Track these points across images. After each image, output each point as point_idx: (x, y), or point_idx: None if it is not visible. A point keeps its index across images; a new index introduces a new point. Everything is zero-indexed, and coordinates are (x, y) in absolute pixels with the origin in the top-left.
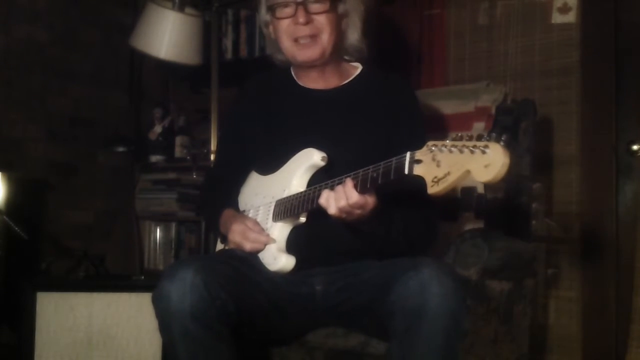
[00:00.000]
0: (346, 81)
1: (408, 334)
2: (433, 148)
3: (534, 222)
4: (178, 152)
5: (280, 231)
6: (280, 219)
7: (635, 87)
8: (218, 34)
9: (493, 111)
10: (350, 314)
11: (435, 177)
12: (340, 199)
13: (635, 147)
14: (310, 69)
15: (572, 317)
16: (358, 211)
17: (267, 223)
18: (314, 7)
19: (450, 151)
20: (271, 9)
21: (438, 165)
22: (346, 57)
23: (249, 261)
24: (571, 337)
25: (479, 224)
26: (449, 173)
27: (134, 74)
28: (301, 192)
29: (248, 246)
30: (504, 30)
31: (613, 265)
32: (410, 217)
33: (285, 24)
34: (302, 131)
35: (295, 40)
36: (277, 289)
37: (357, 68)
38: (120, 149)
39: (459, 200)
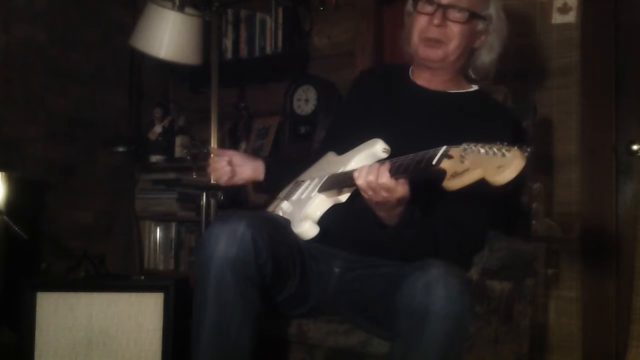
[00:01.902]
0: (454, 91)
1: (411, 334)
2: (466, 147)
3: (534, 222)
4: (178, 152)
5: (320, 202)
6: (324, 190)
7: (635, 87)
8: (218, 34)
9: None
10: (358, 306)
11: (455, 172)
12: (371, 173)
13: (635, 147)
14: (425, 68)
15: (572, 317)
16: (384, 193)
17: (312, 192)
18: (453, 14)
19: (479, 152)
20: (415, 1)
21: (462, 162)
22: (473, 76)
23: (287, 225)
24: (571, 337)
25: None
26: (467, 170)
27: (134, 74)
28: (349, 170)
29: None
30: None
31: (613, 265)
32: (445, 229)
33: (421, 20)
34: (385, 122)
35: (424, 38)
36: (304, 260)
37: (473, 87)
38: (120, 149)
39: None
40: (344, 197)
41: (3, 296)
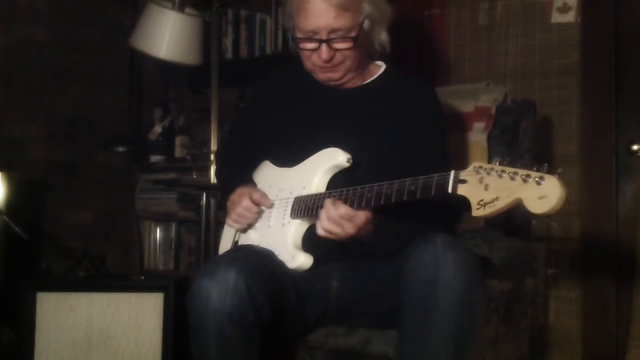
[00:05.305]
0: (368, 80)
1: (424, 303)
2: (480, 170)
3: (534, 222)
4: (178, 152)
5: (297, 228)
6: (300, 217)
7: (635, 87)
8: (218, 34)
9: (493, 111)
10: (360, 308)
11: (482, 200)
12: (341, 221)
13: (635, 147)
14: None
15: (572, 317)
16: (367, 227)
17: (284, 218)
18: (338, 45)
19: (500, 176)
20: (294, 40)
21: (486, 189)
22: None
23: (272, 257)
24: (571, 337)
25: (479, 224)
26: (497, 198)
27: (134, 74)
28: (325, 194)
29: (232, 216)
30: (504, 30)
31: (613, 265)
32: (430, 222)
33: (307, 53)
34: (323, 128)
35: (318, 66)
36: (298, 286)
37: (380, 67)
38: (120, 149)
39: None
40: None
41: (3, 296)
